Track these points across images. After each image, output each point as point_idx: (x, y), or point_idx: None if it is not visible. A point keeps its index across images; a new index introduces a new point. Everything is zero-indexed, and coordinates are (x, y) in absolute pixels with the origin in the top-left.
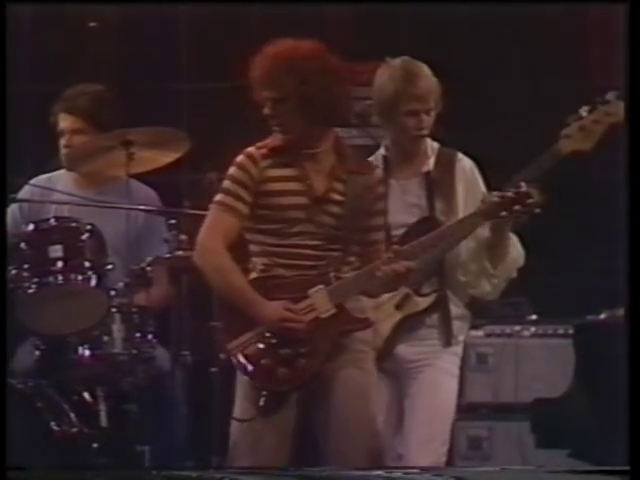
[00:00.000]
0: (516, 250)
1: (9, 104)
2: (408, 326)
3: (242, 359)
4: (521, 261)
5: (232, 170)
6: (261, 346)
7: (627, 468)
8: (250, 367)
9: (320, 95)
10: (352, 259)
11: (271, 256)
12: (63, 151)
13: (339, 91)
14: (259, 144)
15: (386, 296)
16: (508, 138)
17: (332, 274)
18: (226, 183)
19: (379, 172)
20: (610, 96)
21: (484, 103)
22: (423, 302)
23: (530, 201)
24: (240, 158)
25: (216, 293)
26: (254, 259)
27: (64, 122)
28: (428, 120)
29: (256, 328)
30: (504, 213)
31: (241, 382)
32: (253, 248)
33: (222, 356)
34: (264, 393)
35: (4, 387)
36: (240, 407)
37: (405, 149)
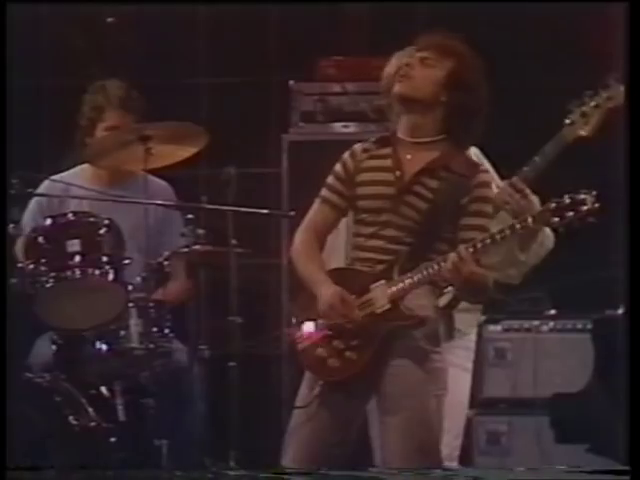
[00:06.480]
0: (546, 236)
1: (28, 100)
2: None
3: (302, 348)
4: (550, 245)
5: (336, 165)
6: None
7: (627, 468)
8: (306, 356)
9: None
10: (432, 255)
11: (354, 249)
12: (89, 145)
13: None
14: (366, 140)
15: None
16: (514, 130)
17: (396, 270)
18: (328, 178)
19: (483, 176)
20: (610, 80)
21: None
22: (442, 300)
23: (584, 208)
24: (344, 154)
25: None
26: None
27: (119, 119)
28: None
29: (319, 319)
30: (556, 219)
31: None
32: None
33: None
34: (320, 382)
35: (4, 387)
36: (300, 394)
37: None
